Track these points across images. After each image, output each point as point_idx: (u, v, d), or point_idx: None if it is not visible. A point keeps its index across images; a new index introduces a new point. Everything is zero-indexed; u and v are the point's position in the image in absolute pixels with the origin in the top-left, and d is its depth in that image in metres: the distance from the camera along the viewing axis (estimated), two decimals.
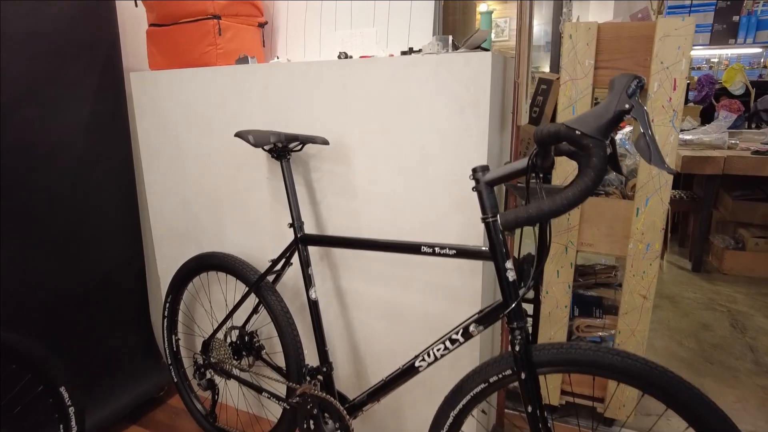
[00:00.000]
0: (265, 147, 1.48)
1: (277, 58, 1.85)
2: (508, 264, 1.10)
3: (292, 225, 1.48)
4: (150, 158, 1.94)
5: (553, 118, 1.85)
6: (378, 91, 1.43)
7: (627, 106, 0.78)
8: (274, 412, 1.97)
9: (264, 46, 1.89)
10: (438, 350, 1.22)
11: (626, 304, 1.70)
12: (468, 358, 1.52)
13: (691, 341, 2.60)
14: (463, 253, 1.18)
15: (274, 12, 1.92)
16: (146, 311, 2.16)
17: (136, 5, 1.87)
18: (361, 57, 1.52)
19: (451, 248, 1.19)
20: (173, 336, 1.97)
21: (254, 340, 1.71)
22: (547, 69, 4.27)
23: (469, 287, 1.45)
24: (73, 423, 1.52)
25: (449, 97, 1.34)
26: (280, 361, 1.63)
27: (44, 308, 1.74)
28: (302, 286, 1.73)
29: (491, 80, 1.28)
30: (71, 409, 1.51)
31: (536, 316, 1.83)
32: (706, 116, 4.23)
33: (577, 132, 0.81)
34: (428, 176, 1.43)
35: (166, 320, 1.94)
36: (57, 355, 1.67)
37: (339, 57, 1.54)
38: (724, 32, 4.55)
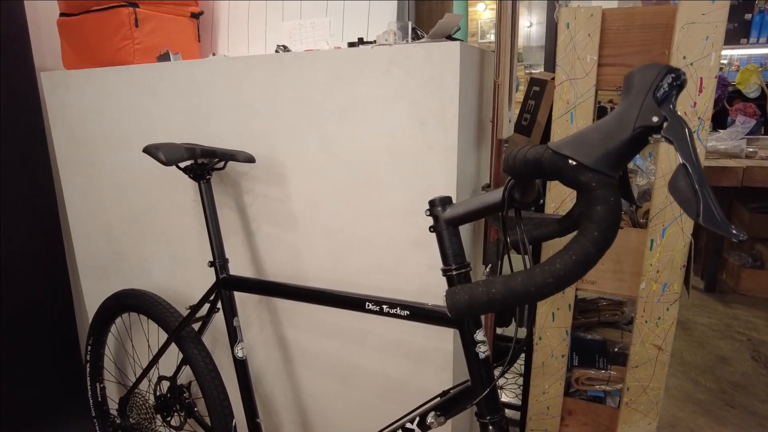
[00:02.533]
0: (180, 165, 1.17)
1: (214, 54, 1.54)
2: (479, 335, 0.79)
3: (212, 264, 1.17)
4: (68, 175, 1.63)
5: (548, 128, 1.53)
6: (318, 94, 1.12)
7: (655, 119, 0.46)
8: None
9: (199, 40, 1.58)
10: None
11: (637, 356, 1.38)
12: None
13: (708, 379, 2.28)
14: (419, 314, 0.86)
15: (213, 1, 1.61)
16: (76, 353, 1.85)
17: None
18: (305, 51, 1.21)
19: (403, 307, 0.87)
20: (97, 384, 1.66)
21: (183, 395, 1.40)
22: (542, 69, 3.95)
23: (437, 349, 1.13)
24: None
25: (407, 102, 1.02)
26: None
27: None
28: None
29: (460, 79, 0.96)
30: None
31: (527, 367, 1.51)
32: (719, 121, 3.91)
33: (571, 162, 0.49)
34: (382, 204, 1.11)
35: (89, 366, 1.63)
36: None
37: (276, 51, 1.23)
38: (736, 31, 4.25)
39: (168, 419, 1.41)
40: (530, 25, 6.04)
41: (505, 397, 2.02)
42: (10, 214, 1.60)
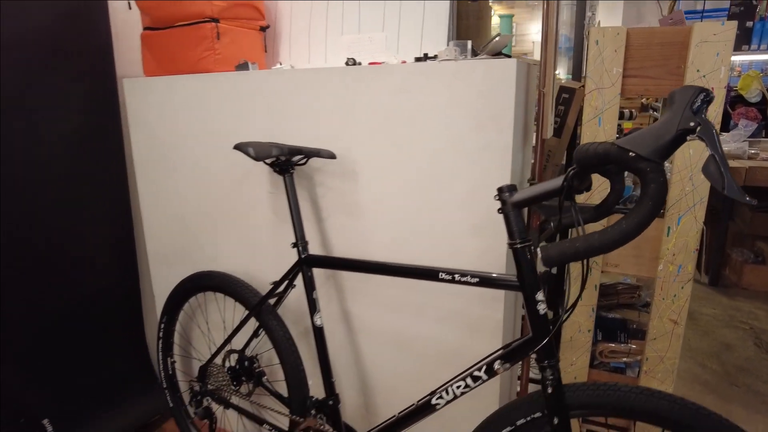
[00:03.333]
0: (266, 160, 1.37)
1: (280, 64, 1.74)
2: (539, 295, 0.98)
3: (295, 245, 1.36)
4: (144, 171, 1.83)
5: (575, 130, 1.73)
6: (388, 101, 1.32)
7: (692, 124, 0.66)
8: None
9: (266, 51, 1.78)
10: (458, 387, 1.10)
11: (655, 329, 1.58)
12: (490, 390, 1.39)
13: (713, 362, 2.47)
14: (487, 281, 1.06)
15: (276, 15, 1.81)
16: (141, 333, 2.05)
17: (130, 7, 1.76)
18: (370, 63, 1.41)
19: (473, 275, 1.07)
20: (168, 359, 1.85)
21: (254, 365, 1.59)
22: (562, 73, 4.15)
23: (489, 317, 1.33)
24: None
25: (467, 109, 1.22)
26: (283, 388, 1.51)
27: (30, 332, 1.62)
28: (304, 310, 1.61)
29: (516, 90, 1.16)
30: None
31: (557, 341, 1.70)
32: (722, 124, 4.11)
33: (631, 154, 0.69)
34: (442, 196, 1.31)
35: (160, 342, 1.83)
36: (42, 383, 1.55)
37: (347, 63, 1.43)
38: (738, 38, 4.44)
39: (238, 387, 1.60)
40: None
41: (532, 374, 2.21)
42: (90, 209, 1.79)
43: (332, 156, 1.38)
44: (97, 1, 1.71)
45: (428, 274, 1.13)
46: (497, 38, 1.25)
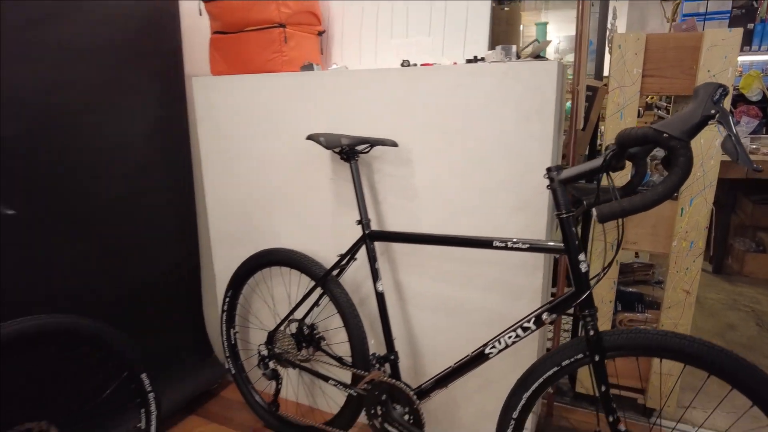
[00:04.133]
0: (335, 149, 1.58)
1: (335, 65, 1.95)
2: (581, 257, 1.20)
3: (360, 222, 1.57)
4: (209, 162, 2.04)
5: (597, 124, 1.95)
6: (441, 97, 1.53)
7: (713, 111, 0.88)
8: (329, 402, 2.06)
9: (322, 53, 1.99)
10: (510, 337, 1.31)
11: (669, 299, 1.79)
12: (527, 350, 1.61)
13: (718, 341, 2.68)
14: (536, 247, 1.27)
15: (329, 21, 2.02)
16: (200, 309, 2.26)
17: (201, 14, 1.97)
18: (422, 65, 1.62)
19: (524, 242, 1.28)
20: (231, 330, 2.06)
21: (314, 331, 1.80)
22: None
23: (529, 285, 1.54)
24: (153, 408, 1.61)
25: (513, 104, 1.44)
26: (338, 351, 1.72)
27: (104, 306, 1.83)
28: (360, 280, 1.82)
29: (557, 88, 1.38)
30: (151, 395, 1.60)
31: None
32: None
33: (664, 134, 0.90)
34: (488, 180, 1.53)
35: (225, 314, 2.03)
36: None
37: (402, 65, 1.64)
38: None
39: (299, 351, 1.80)
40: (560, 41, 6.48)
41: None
42: (160, 195, 2.00)
43: (394, 144, 1.59)
44: (170, 8, 1.92)
45: (483, 243, 1.34)
46: (538, 43, 1.47)
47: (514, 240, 1.29)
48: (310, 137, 1.56)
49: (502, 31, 2.09)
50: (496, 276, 1.58)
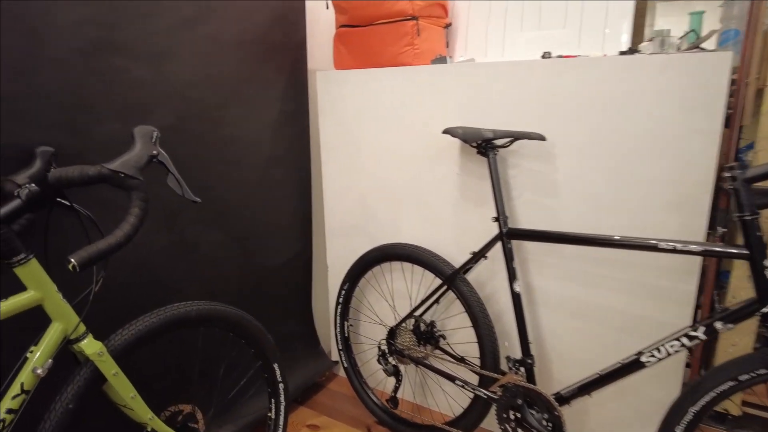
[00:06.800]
0: (473, 143, 1.54)
1: (462, 57, 1.91)
2: (767, 262, 1.10)
3: (497, 219, 1.53)
4: (329, 155, 2.05)
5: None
6: (587, 90, 1.46)
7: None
8: (438, 401, 2.03)
9: (447, 46, 1.96)
10: (672, 346, 1.23)
11: None
12: (670, 360, 1.51)
13: None
14: (710, 252, 1.18)
15: (454, 12, 1.98)
16: (309, 300, 2.28)
17: (327, 7, 1.98)
18: (562, 57, 1.55)
19: (697, 244, 1.19)
20: (345, 322, 2.07)
21: (434, 329, 1.78)
22: None
23: (680, 289, 1.44)
24: (282, 398, 1.63)
25: (673, 98, 1.35)
26: (459, 351, 1.67)
27: (230, 294, 1.87)
28: (483, 280, 1.78)
29: (728, 81, 1.28)
30: (281, 385, 1.63)
31: None
32: None
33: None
34: (640, 177, 1.44)
35: (340, 307, 2.04)
36: None
37: (543, 57, 1.58)
38: None
39: (418, 349, 1.78)
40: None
41: None
42: (281, 188, 2.03)
43: (542, 138, 1.53)
44: (298, 3, 1.94)
45: (645, 246, 1.26)
46: (706, 34, 1.37)
47: (684, 242, 1.20)
48: (446, 131, 1.53)
49: (638, 24, 1.98)
50: (637, 279, 1.50)
